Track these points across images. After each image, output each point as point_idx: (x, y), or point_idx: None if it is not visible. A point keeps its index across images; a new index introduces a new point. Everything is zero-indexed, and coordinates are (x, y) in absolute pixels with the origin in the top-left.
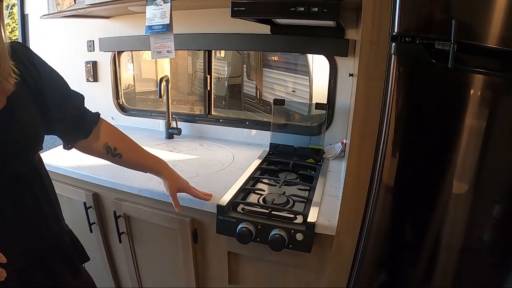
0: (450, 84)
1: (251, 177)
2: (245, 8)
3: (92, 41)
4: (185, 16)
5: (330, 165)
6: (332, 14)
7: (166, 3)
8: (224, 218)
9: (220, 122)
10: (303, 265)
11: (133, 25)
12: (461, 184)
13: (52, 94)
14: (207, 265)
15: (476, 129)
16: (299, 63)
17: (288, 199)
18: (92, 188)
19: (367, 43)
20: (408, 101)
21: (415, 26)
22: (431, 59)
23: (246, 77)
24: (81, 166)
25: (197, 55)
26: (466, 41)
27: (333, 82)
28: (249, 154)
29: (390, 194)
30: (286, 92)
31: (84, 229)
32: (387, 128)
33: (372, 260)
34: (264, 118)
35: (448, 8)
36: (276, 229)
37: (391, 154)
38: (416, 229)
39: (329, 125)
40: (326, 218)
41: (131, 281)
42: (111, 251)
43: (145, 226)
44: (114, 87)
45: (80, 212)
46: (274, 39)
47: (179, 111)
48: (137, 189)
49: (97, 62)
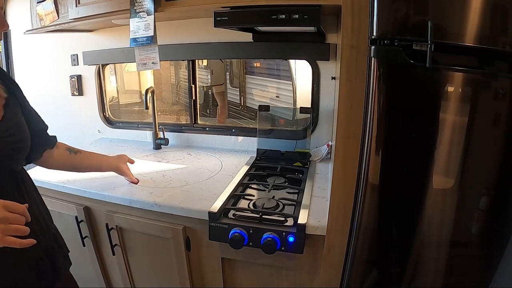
0: (430, 83)
1: (240, 183)
2: (228, 17)
3: (76, 55)
4: (168, 27)
5: (317, 167)
6: (312, 20)
7: (150, 15)
8: (216, 225)
9: (206, 131)
10: (296, 267)
11: (116, 38)
12: (446, 179)
13: (29, 107)
14: (202, 272)
15: (458, 124)
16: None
17: (278, 203)
18: (83, 202)
19: (347, 47)
20: (390, 101)
21: (393, 29)
22: (410, 60)
23: (230, 85)
24: (71, 180)
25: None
26: (443, 41)
27: (316, 86)
28: (237, 160)
29: (377, 193)
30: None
31: (76, 243)
32: (371, 128)
33: (363, 258)
34: (250, 124)
35: (424, 10)
36: (268, 233)
37: (375, 154)
38: (405, 226)
39: (314, 128)
40: (316, 219)
41: None
42: (105, 264)
43: (138, 237)
44: (100, 101)
45: (72, 227)
46: (256, 47)
47: (165, 121)
48: (129, 200)
49: (81, 76)
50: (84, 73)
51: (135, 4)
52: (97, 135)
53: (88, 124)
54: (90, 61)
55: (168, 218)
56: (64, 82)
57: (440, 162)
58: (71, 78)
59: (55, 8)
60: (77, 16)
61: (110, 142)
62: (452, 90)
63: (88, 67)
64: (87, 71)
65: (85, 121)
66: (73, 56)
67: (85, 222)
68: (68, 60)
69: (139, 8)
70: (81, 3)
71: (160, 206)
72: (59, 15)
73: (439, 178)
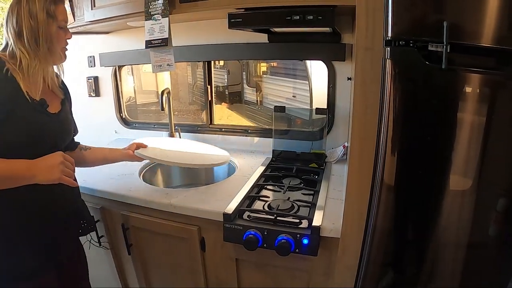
0: (446, 84)
1: (256, 184)
2: (242, 19)
3: (92, 56)
4: (184, 28)
5: (333, 168)
6: (327, 21)
7: (164, 18)
8: (231, 226)
9: (222, 131)
10: (310, 269)
11: (132, 39)
12: (463, 180)
13: (71, 111)
14: (216, 273)
15: (475, 125)
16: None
17: (292, 204)
18: (100, 202)
19: (362, 48)
20: (405, 103)
21: (408, 30)
22: (425, 61)
23: (246, 85)
24: (88, 181)
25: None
26: (459, 41)
27: (332, 87)
28: (252, 161)
29: (392, 194)
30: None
31: (93, 242)
32: (386, 130)
33: (378, 260)
34: (265, 125)
35: (439, 10)
36: (282, 235)
37: (391, 155)
38: (421, 227)
39: (330, 129)
40: (331, 221)
41: None
42: (121, 263)
43: (153, 237)
44: (116, 101)
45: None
46: (272, 47)
47: (181, 122)
48: (144, 201)
49: (98, 77)
50: (101, 74)
51: (149, 6)
52: (114, 135)
53: (105, 124)
54: (106, 62)
55: (183, 218)
56: (81, 84)
57: (457, 163)
58: (88, 80)
59: (71, 11)
60: (92, 19)
61: (127, 143)
62: (469, 91)
63: (104, 69)
64: (104, 73)
65: (102, 121)
66: (90, 57)
67: (102, 222)
68: (85, 61)
69: (153, 11)
70: (96, 6)
71: (176, 207)
72: (75, 18)
73: (456, 179)
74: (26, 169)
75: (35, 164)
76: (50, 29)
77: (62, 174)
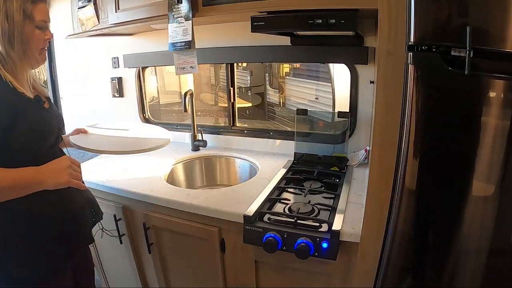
0: (469, 90)
1: (277, 186)
2: (265, 22)
3: (116, 57)
4: (207, 30)
5: (354, 172)
6: (349, 25)
7: (188, 21)
8: (251, 228)
9: (244, 133)
10: (329, 273)
11: (156, 41)
12: (486, 186)
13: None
14: (235, 274)
15: (499, 130)
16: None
17: (313, 208)
18: (122, 201)
19: (384, 53)
20: (427, 108)
21: (431, 35)
22: (448, 67)
23: (269, 86)
24: (111, 180)
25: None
26: (482, 46)
27: (355, 90)
28: (274, 164)
29: (413, 200)
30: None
31: (114, 240)
32: (408, 134)
33: (398, 265)
34: (288, 127)
35: (463, 15)
36: (302, 238)
37: (413, 160)
38: (442, 232)
39: (352, 132)
40: (351, 226)
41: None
42: (141, 261)
43: (174, 237)
44: (140, 102)
45: (110, 224)
46: (294, 50)
47: (204, 123)
48: (166, 201)
49: (122, 78)
50: (125, 75)
51: (173, 9)
52: None
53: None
54: (130, 63)
55: (204, 219)
56: (105, 84)
57: (480, 169)
58: (112, 80)
59: (95, 14)
60: (117, 21)
61: None
62: (493, 97)
63: (128, 70)
64: (127, 73)
65: (126, 122)
66: (114, 59)
67: (123, 221)
68: (109, 62)
69: (177, 14)
70: (120, 8)
71: (197, 207)
72: (99, 20)
73: (479, 185)
74: (35, 174)
75: (43, 170)
76: (25, 30)
77: (71, 177)
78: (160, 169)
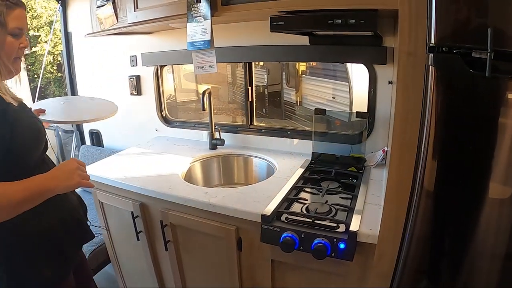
0: (489, 92)
1: (294, 186)
2: (284, 22)
3: (134, 56)
4: (225, 29)
5: (372, 173)
6: (369, 25)
7: (206, 20)
8: (269, 227)
9: (262, 132)
10: (345, 273)
11: (174, 40)
12: (504, 188)
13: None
14: (251, 273)
15: None
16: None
17: (330, 208)
18: (139, 199)
19: (404, 54)
20: (447, 109)
21: (451, 36)
22: (469, 69)
23: (286, 85)
24: (129, 178)
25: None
26: (504, 48)
27: (373, 90)
28: (291, 163)
29: (432, 202)
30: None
31: (131, 237)
32: (427, 135)
33: (414, 268)
34: (305, 126)
35: (484, 17)
36: (319, 238)
37: (432, 162)
38: (459, 236)
39: (370, 133)
40: (368, 227)
41: (175, 286)
42: (157, 258)
43: (191, 235)
44: (158, 100)
45: (128, 221)
46: (313, 50)
47: (221, 121)
48: (184, 199)
49: (140, 76)
50: (143, 73)
51: (192, 9)
52: (154, 133)
53: (146, 122)
54: (148, 62)
55: (222, 218)
56: (123, 82)
57: (498, 171)
58: (130, 79)
59: (114, 13)
60: (135, 20)
61: (167, 141)
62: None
63: (146, 68)
64: (145, 72)
65: (143, 120)
66: (132, 57)
67: (140, 218)
68: (127, 61)
69: (195, 13)
70: (139, 7)
71: (215, 206)
72: (118, 19)
73: (496, 188)
74: (46, 181)
75: (53, 175)
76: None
77: (80, 178)
78: (178, 167)
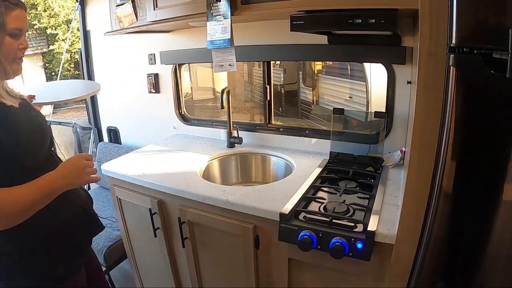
0: (510, 93)
1: (312, 185)
2: (304, 21)
3: (153, 54)
4: (244, 28)
5: (390, 173)
6: (389, 24)
7: (226, 19)
8: (286, 226)
9: (280, 131)
10: (362, 273)
11: (193, 38)
12: None
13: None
14: (268, 271)
15: None
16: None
17: (348, 208)
18: (157, 196)
19: (425, 54)
20: (468, 110)
21: (472, 37)
22: (490, 70)
23: (302, 84)
24: (147, 175)
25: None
26: None
27: (391, 90)
28: (309, 162)
29: (451, 203)
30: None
31: (148, 233)
32: (447, 137)
33: (431, 269)
34: (322, 126)
35: (505, 17)
36: (337, 237)
37: (451, 163)
38: (476, 238)
39: (388, 133)
40: (386, 227)
41: (192, 283)
42: (174, 255)
43: (208, 232)
44: (176, 98)
45: (145, 218)
46: (331, 49)
47: (238, 120)
48: (202, 197)
49: (158, 74)
50: (161, 71)
51: (211, 7)
52: (172, 131)
53: (164, 120)
54: (167, 60)
55: (239, 216)
56: (142, 80)
57: None
58: (148, 76)
59: (133, 11)
60: (155, 19)
61: (184, 139)
62: None
63: (164, 66)
64: (164, 70)
65: (161, 117)
66: (151, 55)
67: (158, 215)
68: (146, 59)
69: (215, 12)
70: (158, 6)
71: (233, 204)
72: (137, 17)
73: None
74: (57, 179)
75: (63, 173)
76: None
77: (89, 175)
78: (196, 164)
